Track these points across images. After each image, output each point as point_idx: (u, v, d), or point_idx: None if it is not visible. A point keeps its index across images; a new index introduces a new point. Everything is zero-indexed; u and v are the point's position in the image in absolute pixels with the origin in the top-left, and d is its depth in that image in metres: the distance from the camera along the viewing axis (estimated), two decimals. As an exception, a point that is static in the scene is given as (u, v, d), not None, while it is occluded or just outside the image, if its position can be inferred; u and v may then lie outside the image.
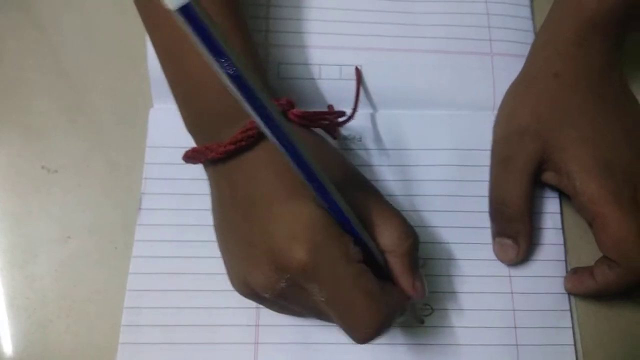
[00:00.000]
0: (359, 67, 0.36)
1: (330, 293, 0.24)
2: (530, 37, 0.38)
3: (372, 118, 0.36)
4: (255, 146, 0.26)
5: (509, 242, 0.33)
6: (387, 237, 0.27)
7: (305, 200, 0.25)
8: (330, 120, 0.30)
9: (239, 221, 0.26)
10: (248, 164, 0.26)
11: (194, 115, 0.28)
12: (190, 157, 0.28)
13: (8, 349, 0.32)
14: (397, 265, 0.27)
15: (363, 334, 0.25)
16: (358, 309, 0.24)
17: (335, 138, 0.32)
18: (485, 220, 0.35)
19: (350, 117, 0.32)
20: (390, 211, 0.28)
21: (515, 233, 0.33)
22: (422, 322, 0.33)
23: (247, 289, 0.27)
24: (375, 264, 0.27)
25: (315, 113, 0.29)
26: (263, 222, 0.25)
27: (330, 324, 0.32)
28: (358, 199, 0.26)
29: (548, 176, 0.34)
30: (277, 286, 0.25)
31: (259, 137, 0.25)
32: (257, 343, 0.32)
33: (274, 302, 0.27)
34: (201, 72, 0.27)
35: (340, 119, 0.31)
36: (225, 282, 0.32)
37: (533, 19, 0.39)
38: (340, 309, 0.25)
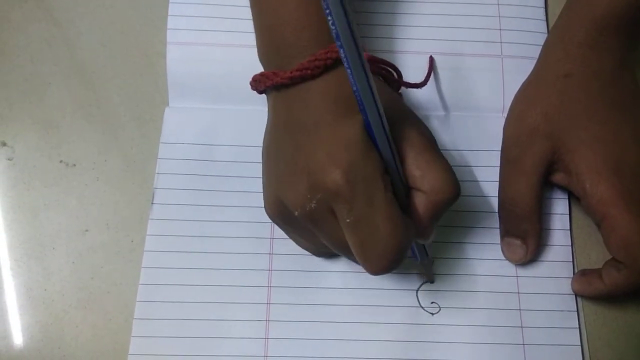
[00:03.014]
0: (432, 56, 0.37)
1: (358, 216, 0.25)
2: (542, 39, 0.38)
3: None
4: (318, 77, 0.27)
5: (517, 242, 0.34)
6: (429, 180, 0.27)
7: (350, 125, 0.26)
8: (388, 70, 0.32)
9: (286, 142, 0.27)
10: (307, 92, 0.27)
11: (268, 46, 0.29)
12: (257, 80, 0.29)
13: (25, 340, 0.33)
14: (422, 207, 0.27)
15: (380, 263, 0.25)
16: (382, 235, 0.25)
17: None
18: (494, 221, 0.35)
19: (419, 85, 0.34)
20: (440, 161, 0.28)
21: (524, 233, 0.34)
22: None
23: (278, 208, 0.28)
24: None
25: (378, 59, 0.31)
26: (307, 143, 0.26)
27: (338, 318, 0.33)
28: (411, 138, 0.27)
29: (558, 177, 0.34)
30: (308, 205, 0.26)
31: (324, 69, 0.27)
32: (267, 338, 0.33)
33: (297, 226, 0.28)
34: (283, 6, 0.28)
35: (408, 81, 0.33)
36: (235, 278, 0.33)
37: (547, 20, 0.39)
38: (363, 234, 0.25)
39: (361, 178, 0.25)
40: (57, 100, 0.37)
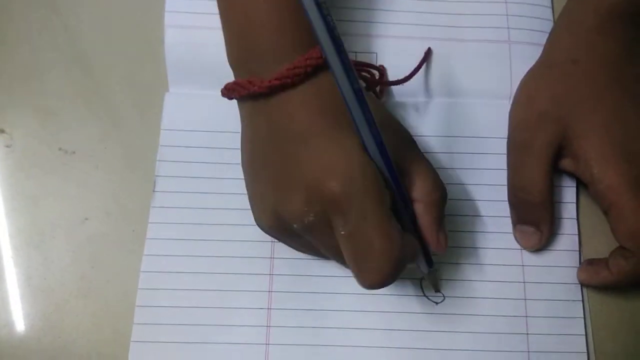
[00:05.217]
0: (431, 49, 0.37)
1: (353, 228, 0.24)
2: (548, 26, 0.37)
3: (387, 105, 0.36)
4: (299, 86, 0.26)
5: (531, 229, 0.33)
6: (418, 187, 0.28)
7: (345, 135, 0.25)
8: (369, 71, 0.31)
9: (273, 155, 0.27)
10: (289, 102, 0.26)
11: (242, 51, 0.28)
12: (230, 89, 0.28)
13: (25, 329, 0.32)
14: (425, 216, 0.28)
15: (372, 278, 0.25)
16: (375, 250, 0.24)
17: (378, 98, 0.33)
18: (499, 209, 0.35)
19: (401, 81, 0.33)
20: (424, 162, 0.28)
21: (538, 219, 0.33)
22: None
23: (274, 222, 0.27)
24: (398, 215, 0.27)
25: (359, 62, 0.30)
26: (299, 154, 0.25)
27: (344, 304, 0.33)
28: (393, 146, 0.26)
29: (565, 163, 0.33)
30: (306, 218, 0.25)
31: (304, 77, 0.26)
32: (269, 326, 0.32)
33: (295, 237, 0.28)
34: (256, 10, 0.27)
35: (391, 79, 0.32)
36: (237, 265, 0.33)
37: (552, 7, 0.38)
38: (357, 247, 0.25)
39: (359, 191, 0.24)
40: (56, 87, 0.36)
